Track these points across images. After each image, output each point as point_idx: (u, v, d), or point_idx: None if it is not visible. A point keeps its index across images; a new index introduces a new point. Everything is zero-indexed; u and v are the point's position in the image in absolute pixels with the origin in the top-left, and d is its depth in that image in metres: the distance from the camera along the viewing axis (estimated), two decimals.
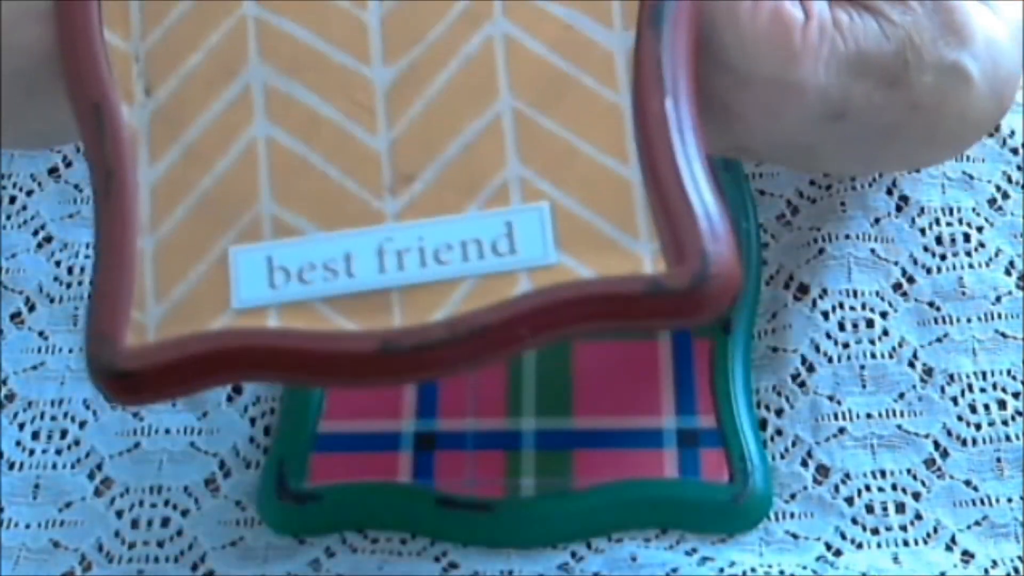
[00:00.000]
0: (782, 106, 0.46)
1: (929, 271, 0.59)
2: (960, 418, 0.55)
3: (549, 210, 0.41)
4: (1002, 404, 0.55)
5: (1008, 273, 0.58)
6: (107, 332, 0.41)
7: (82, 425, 0.56)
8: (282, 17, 0.44)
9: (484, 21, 0.43)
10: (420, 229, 0.41)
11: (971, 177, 0.61)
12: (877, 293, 0.58)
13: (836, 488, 0.54)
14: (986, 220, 0.60)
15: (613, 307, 0.40)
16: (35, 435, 0.56)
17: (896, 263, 0.59)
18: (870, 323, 0.57)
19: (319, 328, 0.40)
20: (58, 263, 0.61)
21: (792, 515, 0.53)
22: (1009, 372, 0.56)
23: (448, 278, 0.40)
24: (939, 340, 0.57)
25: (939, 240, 0.59)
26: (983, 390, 0.56)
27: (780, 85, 0.46)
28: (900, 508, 0.53)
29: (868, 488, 0.54)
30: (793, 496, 0.54)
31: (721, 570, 0.51)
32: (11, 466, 0.56)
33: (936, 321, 0.58)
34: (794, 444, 0.55)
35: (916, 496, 0.54)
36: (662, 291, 0.39)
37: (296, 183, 0.42)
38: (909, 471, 0.54)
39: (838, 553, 0.52)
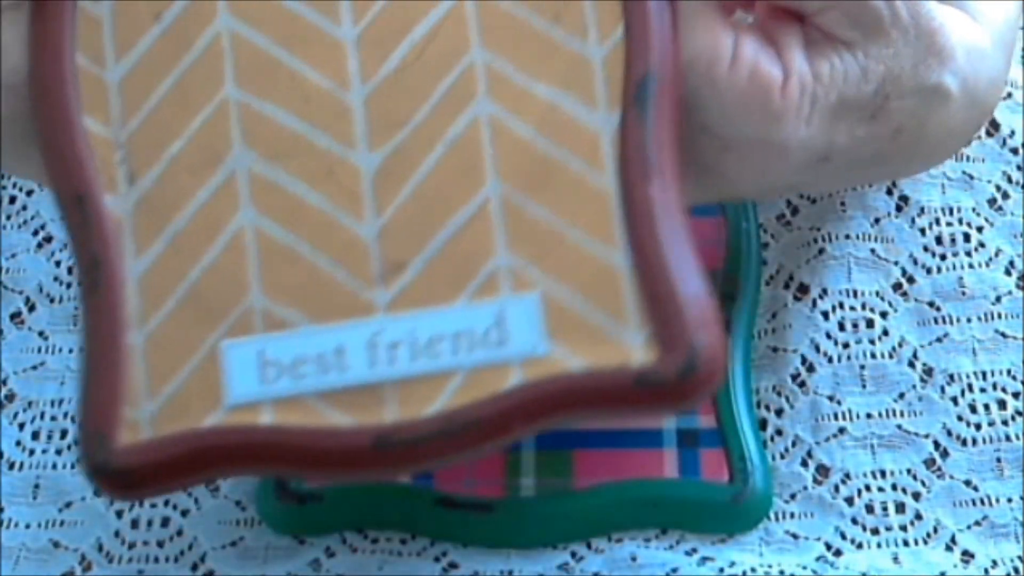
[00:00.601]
0: (766, 164, 0.46)
1: (929, 271, 0.59)
2: (960, 418, 0.55)
3: (539, 299, 0.41)
4: (1002, 404, 0.55)
5: (1008, 273, 0.58)
6: (101, 430, 0.41)
7: None
8: (264, 101, 0.43)
9: (468, 102, 0.43)
10: (411, 321, 0.41)
11: (971, 177, 0.61)
12: (877, 293, 0.58)
13: (836, 488, 0.54)
14: (986, 220, 0.60)
15: (603, 399, 0.40)
16: (35, 435, 0.56)
17: (896, 263, 0.59)
18: (870, 323, 0.57)
19: (313, 424, 0.40)
20: (58, 263, 0.61)
21: (792, 515, 0.53)
22: (1009, 372, 0.56)
23: (440, 371, 0.40)
24: (939, 340, 0.57)
25: (939, 240, 0.59)
26: (983, 390, 0.56)
27: (763, 145, 0.46)
28: (900, 508, 0.54)
29: (868, 488, 0.54)
30: (793, 496, 0.54)
31: (721, 570, 0.51)
32: (11, 466, 0.56)
33: (936, 321, 0.58)
34: (794, 444, 0.55)
35: (916, 496, 0.54)
36: (650, 382, 0.39)
37: (285, 274, 0.42)
38: (909, 471, 0.54)
39: (838, 553, 0.52)
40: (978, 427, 0.55)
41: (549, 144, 0.43)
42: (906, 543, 0.53)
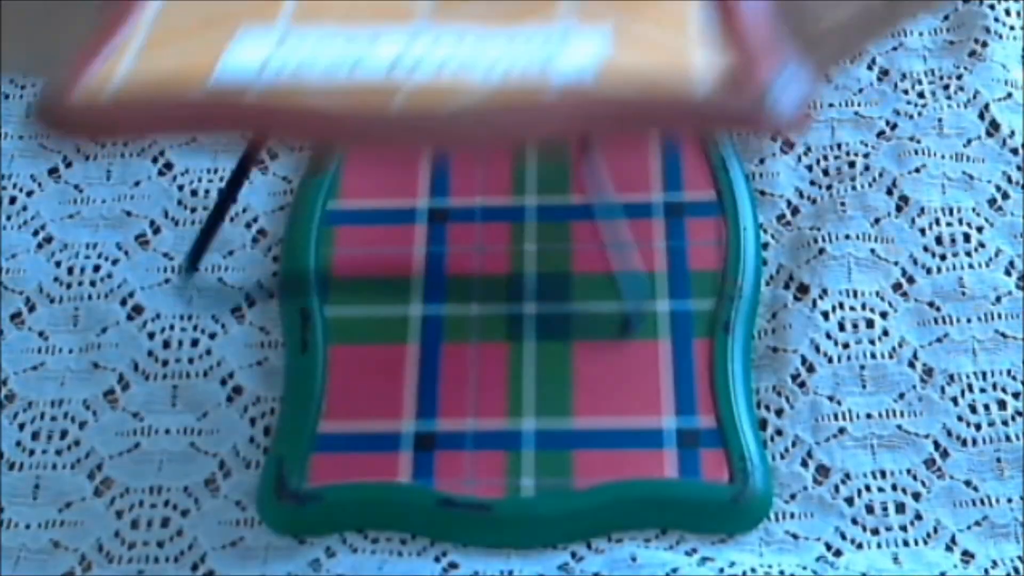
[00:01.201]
0: None
1: (929, 271, 0.59)
2: (960, 418, 0.55)
3: (611, 27, 0.41)
4: (1002, 404, 0.55)
5: (1008, 273, 0.59)
6: (73, 74, 0.40)
7: (82, 425, 0.56)
8: None
9: None
10: (453, 29, 0.41)
11: (971, 177, 0.61)
12: (877, 293, 0.58)
13: (836, 488, 0.54)
14: (986, 220, 0.60)
15: (667, 112, 0.39)
16: (35, 435, 0.56)
17: (896, 263, 0.59)
18: (870, 323, 0.58)
19: (303, 103, 0.39)
20: (58, 263, 0.61)
21: (792, 515, 0.53)
22: (1009, 372, 0.56)
23: (467, 82, 0.39)
24: (939, 340, 0.57)
25: (939, 240, 0.60)
26: (983, 390, 0.56)
27: None
28: (900, 508, 0.54)
29: (868, 488, 0.54)
30: (793, 496, 0.54)
31: (721, 570, 0.51)
32: (11, 466, 0.56)
33: (936, 321, 0.58)
34: (794, 444, 0.55)
35: (916, 496, 0.54)
36: (720, 98, 0.39)
37: None
38: (909, 471, 0.54)
39: (838, 553, 0.52)
40: (978, 427, 0.55)
41: None
42: (906, 543, 0.53)
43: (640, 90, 0.39)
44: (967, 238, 0.60)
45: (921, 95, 0.63)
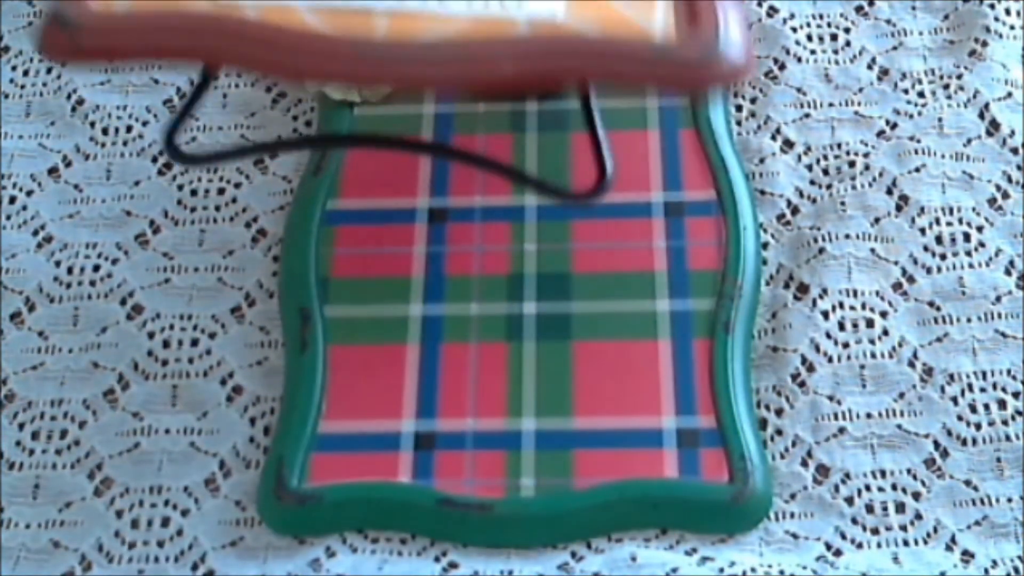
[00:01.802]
0: None
1: (929, 271, 0.59)
2: (960, 418, 0.55)
3: None
4: (1002, 404, 0.55)
5: (1008, 273, 0.59)
6: None
7: (82, 425, 0.56)
8: None
9: None
10: None
11: (971, 177, 0.61)
12: (877, 293, 0.58)
13: (836, 488, 0.54)
14: (986, 220, 0.60)
15: (613, 61, 0.43)
16: (35, 435, 0.56)
17: (896, 263, 0.59)
18: (870, 323, 0.58)
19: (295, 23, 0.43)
20: (58, 263, 0.61)
21: (792, 515, 0.54)
22: (1009, 372, 0.56)
23: (443, 13, 0.43)
24: (939, 340, 0.57)
25: (939, 240, 0.60)
26: (983, 390, 0.56)
27: None
28: (900, 508, 0.54)
29: (868, 488, 0.54)
30: (793, 496, 0.54)
31: (721, 570, 0.51)
32: (11, 466, 0.56)
33: (936, 321, 0.58)
34: (794, 444, 0.55)
35: (916, 496, 0.54)
36: (669, 55, 0.42)
37: None
38: (909, 471, 0.54)
39: (838, 553, 0.52)
40: (978, 427, 0.55)
41: None
42: (906, 543, 0.53)
43: (602, 31, 0.43)
44: (967, 237, 0.60)
45: (921, 95, 0.63)
